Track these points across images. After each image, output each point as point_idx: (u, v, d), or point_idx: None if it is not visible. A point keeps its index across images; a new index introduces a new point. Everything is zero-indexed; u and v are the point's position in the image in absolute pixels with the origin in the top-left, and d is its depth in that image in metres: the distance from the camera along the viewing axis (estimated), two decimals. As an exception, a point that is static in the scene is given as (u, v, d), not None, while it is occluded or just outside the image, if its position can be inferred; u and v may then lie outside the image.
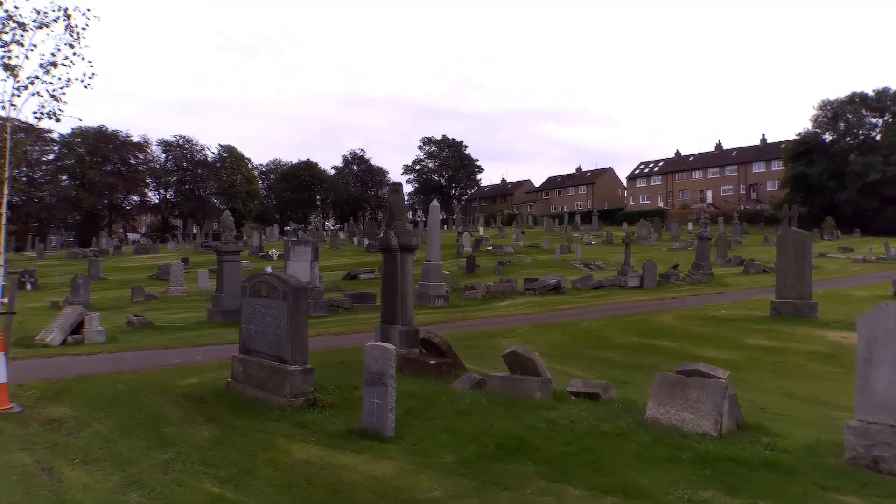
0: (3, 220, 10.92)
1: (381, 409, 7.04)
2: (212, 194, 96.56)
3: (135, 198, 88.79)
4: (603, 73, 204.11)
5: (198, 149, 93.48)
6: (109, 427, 7.44)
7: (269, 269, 30.77)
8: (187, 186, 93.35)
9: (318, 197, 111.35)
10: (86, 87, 9.59)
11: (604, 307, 20.78)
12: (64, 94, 9.33)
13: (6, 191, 10.57)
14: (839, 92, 71.16)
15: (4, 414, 7.89)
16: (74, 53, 9.48)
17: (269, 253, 44.65)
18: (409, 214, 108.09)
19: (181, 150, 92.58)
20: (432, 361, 9.95)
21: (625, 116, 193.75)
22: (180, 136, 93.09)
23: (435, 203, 23.93)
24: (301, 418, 7.71)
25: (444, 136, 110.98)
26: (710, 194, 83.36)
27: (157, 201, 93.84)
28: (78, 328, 15.20)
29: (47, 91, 9.13)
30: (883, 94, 60.65)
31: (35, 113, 9.31)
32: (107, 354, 13.17)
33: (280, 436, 7.14)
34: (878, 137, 61.03)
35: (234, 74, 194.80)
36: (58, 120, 9.66)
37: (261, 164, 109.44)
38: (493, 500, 5.22)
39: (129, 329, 16.89)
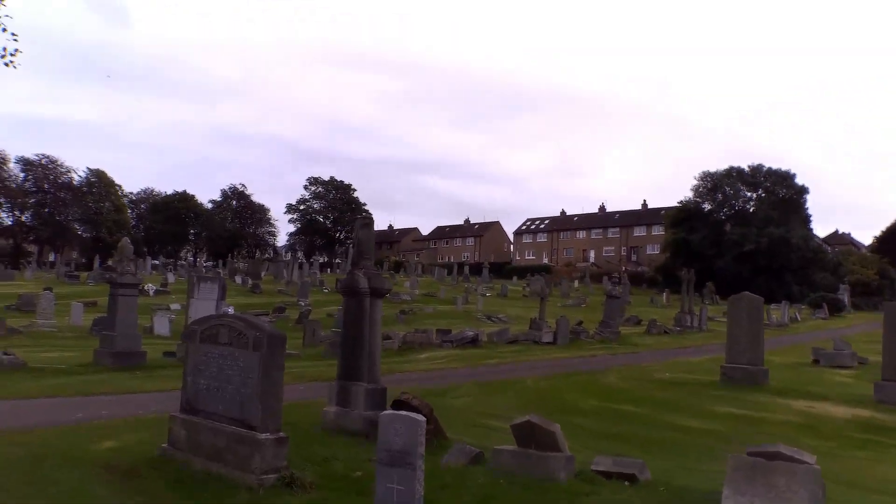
0: None
1: (406, 498, 5.46)
2: (75, 220, 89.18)
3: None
4: (486, 129, 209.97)
5: (63, 171, 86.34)
6: (18, 517, 5.40)
7: (230, 310, 27.75)
8: (47, 210, 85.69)
9: (191, 231, 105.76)
10: (6, 64, 7.53)
11: (532, 364, 19.83)
12: (-24, 69, 7.27)
13: None
14: (708, 164, 75.94)
15: None
16: (-11, 22, 7.44)
17: (146, 288, 40.80)
18: (288, 255, 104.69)
19: (43, 171, 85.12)
20: (413, 428, 8.38)
21: (508, 175, 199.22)
22: (43, 155, 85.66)
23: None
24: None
25: (332, 177, 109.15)
26: (592, 254, 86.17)
27: (10, 223, 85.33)
28: (-66, 368, 12.37)
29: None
30: (757, 170, 65.39)
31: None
32: (-23, 404, 10.60)
33: (262, 532, 5.40)
34: (752, 210, 65.50)
35: (105, 99, 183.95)
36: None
37: (131, 193, 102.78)
38: None
39: (-3, 371, 14.05)
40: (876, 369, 18.86)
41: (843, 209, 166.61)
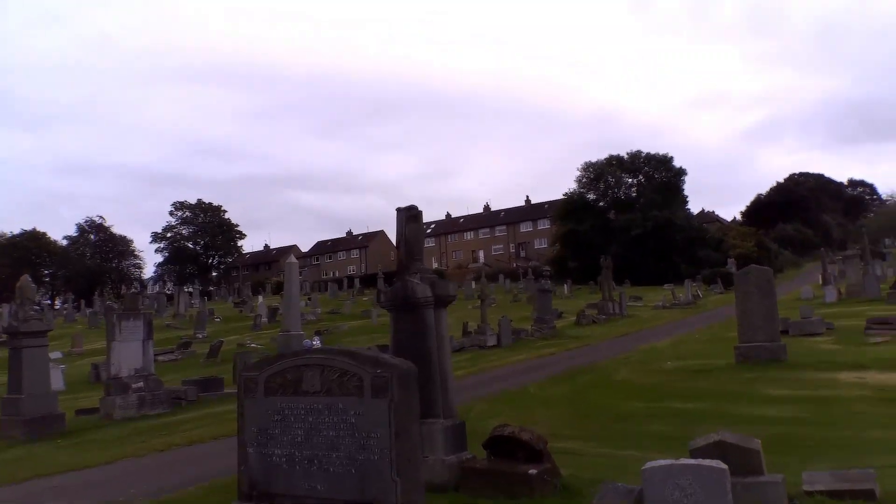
0: None
1: None
2: None
3: None
4: (349, 137, 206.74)
5: None
6: None
7: (316, 342, 23.82)
8: None
9: (45, 272, 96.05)
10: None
11: (504, 371, 18.25)
12: None
13: None
14: (581, 155, 77.35)
15: None
16: None
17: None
18: (157, 287, 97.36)
19: None
20: (532, 471, 6.43)
21: (379, 183, 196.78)
22: None
23: (293, 259, 19.76)
24: None
25: (199, 200, 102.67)
26: (482, 254, 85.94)
27: None
28: None
29: None
30: (636, 156, 67.35)
31: None
32: None
33: None
34: (634, 195, 67.42)
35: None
36: None
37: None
38: None
39: None
40: (846, 333, 18.71)
41: (707, 188, 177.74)
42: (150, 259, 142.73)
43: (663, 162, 66.64)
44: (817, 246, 64.08)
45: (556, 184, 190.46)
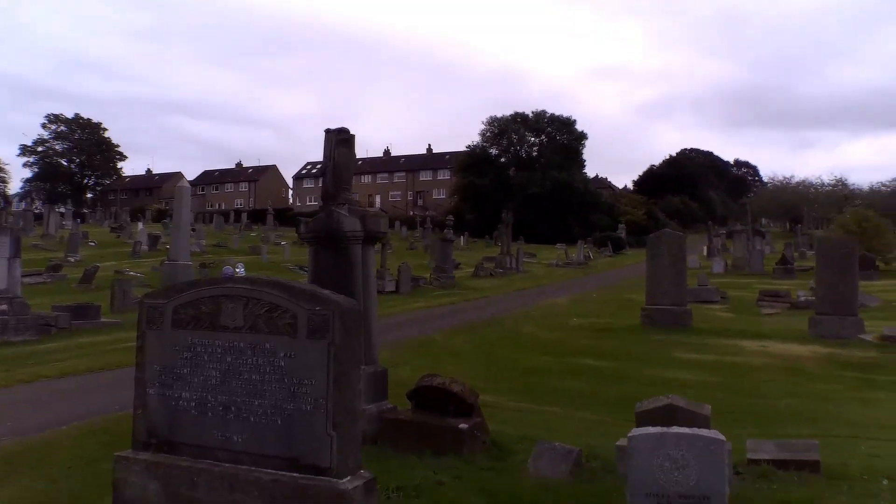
0: None
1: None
2: None
3: None
4: (242, 68, 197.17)
5: None
6: None
7: (239, 270, 21.19)
8: None
9: None
10: None
11: (404, 318, 17.77)
12: None
13: None
14: (490, 111, 77.07)
15: None
16: None
17: None
18: (23, 204, 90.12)
19: None
20: (462, 426, 5.93)
21: (271, 118, 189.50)
22: None
23: (185, 183, 18.22)
24: None
25: (76, 114, 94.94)
26: (379, 199, 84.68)
27: None
28: None
29: None
30: (540, 116, 67.67)
31: None
32: None
33: None
34: (535, 154, 67.94)
35: None
36: None
37: None
38: None
39: None
40: (740, 303, 19.41)
41: (601, 155, 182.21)
42: (17, 174, 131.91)
43: (566, 124, 67.45)
44: (701, 219, 67.19)
45: (459, 136, 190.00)
